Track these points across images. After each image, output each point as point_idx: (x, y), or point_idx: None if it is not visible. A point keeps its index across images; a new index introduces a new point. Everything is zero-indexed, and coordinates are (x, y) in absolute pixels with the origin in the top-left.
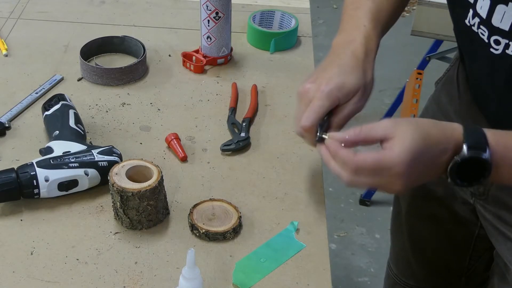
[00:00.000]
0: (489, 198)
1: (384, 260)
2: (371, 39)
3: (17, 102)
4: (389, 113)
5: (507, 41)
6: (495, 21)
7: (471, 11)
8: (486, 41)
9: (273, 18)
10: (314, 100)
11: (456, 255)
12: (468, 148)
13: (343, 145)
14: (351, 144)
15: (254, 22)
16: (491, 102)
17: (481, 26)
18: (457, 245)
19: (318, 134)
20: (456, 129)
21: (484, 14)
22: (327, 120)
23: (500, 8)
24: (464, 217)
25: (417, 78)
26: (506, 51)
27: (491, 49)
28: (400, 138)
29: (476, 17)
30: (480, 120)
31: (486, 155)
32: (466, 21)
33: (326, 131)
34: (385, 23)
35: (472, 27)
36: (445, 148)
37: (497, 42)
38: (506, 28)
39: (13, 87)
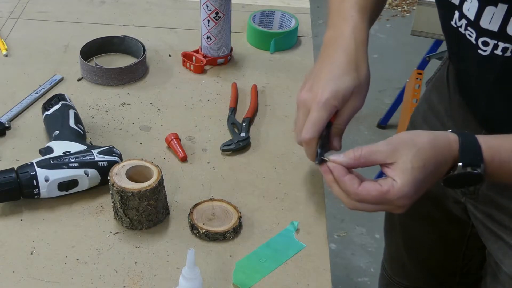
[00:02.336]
0: (480, 198)
1: None
2: (360, 30)
3: (17, 102)
4: (389, 113)
5: (495, 42)
6: (484, 22)
7: (457, 13)
8: (474, 42)
9: (273, 18)
10: (312, 112)
11: (449, 254)
12: (463, 166)
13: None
14: (352, 167)
15: (254, 22)
16: (480, 101)
17: (469, 28)
18: (450, 245)
19: (318, 154)
20: (452, 144)
21: (472, 16)
22: (327, 131)
23: (489, 9)
24: (456, 216)
25: (417, 78)
26: (495, 51)
27: (479, 51)
28: (401, 169)
29: (463, 19)
30: (470, 119)
31: (479, 170)
32: (452, 23)
33: (326, 144)
34: (372, 12)
35: (459, 29)
36: (443, 167)
37: (485, 44)
38: (495, 29)
39: (13, 87)
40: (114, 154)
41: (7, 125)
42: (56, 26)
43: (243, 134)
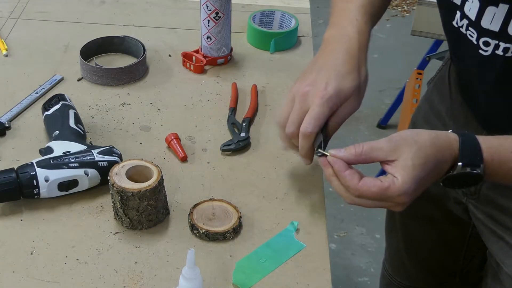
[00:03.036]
0: (481, 198)
1: None
2: (363, 33)
3: (17, 102)
4: (389, 113)
5: (496, 42)
6: (485, 22)
7: (458, 13)
8: (475, 42)
9: (273, 18)
10: (315, 106)
11: (450, 254)
12: (463, 165)
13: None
14: (352, 163)
15: (254, 22)
16: (480, 101)
17: (470, 28)
18: (450, 245)
19: (318, 149)
20: (453, 143)
21: (473, 16)
22: (325, 128)
23: (490, 9)
24: (457, 216)
25: (417, 78)
26: (496, 51)
27: (480, 51)
28: (402, 166)
29: (465, 19)
30: (471, 119)
31: (479, 170)
32: (454, 23)
33: (326, 139)
34: (375, 15)
35: (460, 29)
36: (443, 165)
37: (486, 44)
38: (496, 29)
39: (13, 87)
40: (114, 154)
41: (7, 125)
42: (56, 26)
43: (243, 134)
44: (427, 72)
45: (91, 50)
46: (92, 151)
